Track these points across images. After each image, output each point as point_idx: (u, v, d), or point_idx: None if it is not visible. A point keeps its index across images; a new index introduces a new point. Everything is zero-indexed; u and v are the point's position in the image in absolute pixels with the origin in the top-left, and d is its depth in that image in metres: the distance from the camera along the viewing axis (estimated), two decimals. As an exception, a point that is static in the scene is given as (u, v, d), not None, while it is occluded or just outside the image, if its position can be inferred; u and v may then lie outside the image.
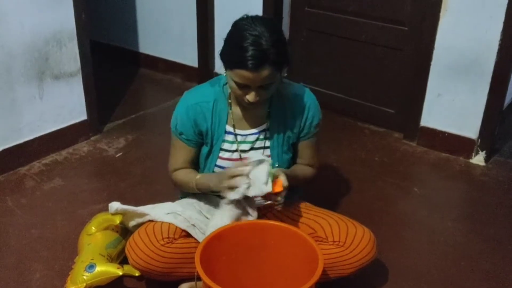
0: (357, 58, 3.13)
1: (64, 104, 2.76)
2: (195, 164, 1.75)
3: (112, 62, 4.10)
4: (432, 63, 2.76)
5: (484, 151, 2.75)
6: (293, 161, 1.79)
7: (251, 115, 1.67)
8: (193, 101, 1.66)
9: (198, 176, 1.66)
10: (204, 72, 3.60)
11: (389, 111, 3.10)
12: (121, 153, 2.78)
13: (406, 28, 2.87)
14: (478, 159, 2.77)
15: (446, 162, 2.79)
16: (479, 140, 2.74)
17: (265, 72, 1.44)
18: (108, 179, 2.56)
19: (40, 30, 2.53)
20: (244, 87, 1.49)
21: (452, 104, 2.77)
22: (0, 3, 2.33)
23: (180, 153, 1.72)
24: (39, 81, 2.60)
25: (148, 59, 4.03)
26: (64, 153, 2.76)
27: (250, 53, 1.41)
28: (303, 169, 1.78)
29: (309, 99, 1.71)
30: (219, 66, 1.82)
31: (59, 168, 2.63)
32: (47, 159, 2.69)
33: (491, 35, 2.52)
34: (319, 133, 1.79)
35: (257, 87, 1.48)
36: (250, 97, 1.50)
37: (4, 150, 2.52)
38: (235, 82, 1.49)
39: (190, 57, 3.70)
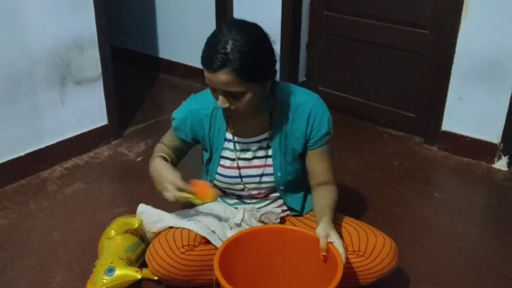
0: (376, 62, 3.11)
1: (85, 109, 2.79)
2: (180, 153, 1.79)
3: (133, 67, 4.15)
4: (453, 66, 2.72)
5: (507, 156, 2.70)
6: (302, 172, 1.71)
7: (252, 123, 1.63)
8: (193, 107, 1.67)
9: (158, 160, 1.69)
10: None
11: (409, 115, 3.07)
12: (141, 158, 2.80)
13: (427, 32, 2.84)
14: (501, 164, 2.73)
15: (468, 167, 2.75)
16: (502, 144, 2.70)
17: (224, 76, 1.38)
18: (128, 183, 2.58)
19: (62, 36, 2.57)
20: (214, 90, 1.47)
21: (474, 107, 2.73)
22: (22, 10, 2.37)
23: (168, 141, 1.78)
24: (61, 86, 2.64)
25: (168, 64, 4.06)
26: (85, 157, 2.79)
27: (209, 52, 1.40)
28: (329, 197, 1.62)
29: (315, 106, 1.61)
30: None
31: (80, 172, 2.66)
32: (69, 163, 2.72)
33: (513, 38, 2.49)
34: (331, 144, 1.68)
35: (225, 93, 1.43)
36: (219, 102, 1.45)
37: (27, 155, 2.56)
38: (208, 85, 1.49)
39: (209, 62, 3.71)
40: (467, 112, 2.76)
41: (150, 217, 1.75)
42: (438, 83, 2.82)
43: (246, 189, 1.70)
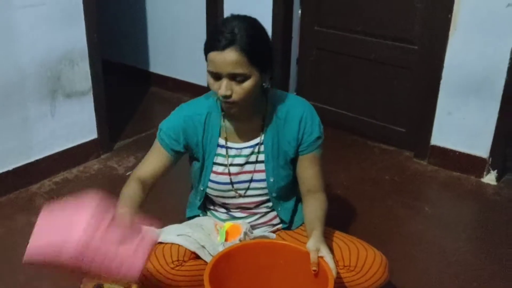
0: (366, 77, 3.14)
1: (75, 122, 2.78)
2: (155, 180, 1.69)
3: (123, 81, 4.15)
4: (442, 81, 2.75)
5: (496, 170, 2.72)
6: (293, 180, 1.71)
7: (244, 128, 1.64)
8: (188, 113, 1.65)
9: (124, 209, 1.53)
10: (214, 91, 3.63)
11: (399, 130, 3.09)
12: (131, 172, 2.78)
13: (416, 47, 2.87)
14: (490, 178, 2.75)
15: (457, 181, 2.76)
16: (490, 159, 2.72)
17: (232, 54, 1.41)
18: (118, 197, 2.56)
19: (53, 49, 2.57)
20: (217, 77, 1.48)
21: (463, 122, 2.76)
22: (14, 23, 2.37)
23: (152, 157, 1.68)
24: (51, 99, 2.63)
25: (158, 78, 4.07)
26: (74, 171, 2.78)
27: (215, 35, 1.44)
28: (319, 208, 1.62)
29: (306, 111, 1.64)
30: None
31: (69, 186, 2.64)
32: (58, 177, 2.71)
33: (501, 53, 2.52)
34: (321, 151, 1.69)
35: (228, 77, 1.45)
36: (222, 89, 1.46)
37: (16, 169, 2.54)
38: (210, 74, 1.49)
39: (199, 76, 3.72)
40: (456, 126, 2.79)
41: None
42: (427, 98, 2.84)
43: (237, 196, 1.69)
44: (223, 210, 1.76)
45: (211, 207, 1.78)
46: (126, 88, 4.08)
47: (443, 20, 2.65)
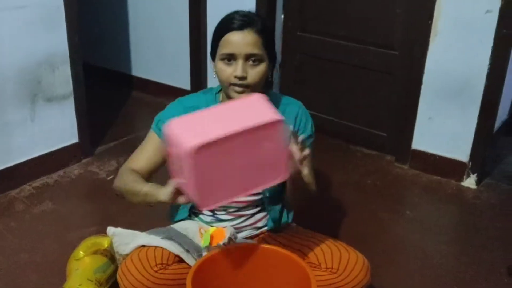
0: (349, 82, 3.16)
1: (56, 126, 2.75)
2: (149, 175, 1.64)
3: (105, 85, 4.11)
4: (423, 86, 2.79)
5: (475, 174, 2.76)
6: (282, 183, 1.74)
7: None
8: (188, 104, 1.64)
9: (130, 173, 1.55)
10: (196, 95, 3.62)
11: (381, 134, 3.11)
12: (112, 176, 2.77)
13: (397, 53, 2.90)
14: (470, 182, 2.78)
15: (438, 185, 2.79)
16: (470, 163, 2.76)
17: (251, 35, 1.47)
18: (99, 202, 2.54)
19: (33, 53, 2.54)
20: (231, 60, 1.50)
21: (443, 127, 2.79)
22: (-7, 26, 2.34)
23: (147, 149, 1.63)
24: (31, 103, 2.60)
25: (140, 82, 4.04)
26: (55, 176, 2.74)
27: (233, 17, 1.50)
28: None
29: (301, 109, 1.72)
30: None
31: (49, 191, 2.60)
32: (38, 182, 2.67)
33: (480, 59, 2.56)
34: (312, 152, 1.69)
35: (244, 59, 1.49)
36: (238, 71, 1.49)
37: (-6, 173, 2.51)
38: (222, 60, 1.51)
39: (182, 80, 3.71)
40: (437, 131, 2.82)
41: (123, 238, 1.71)
42: (408, 103, 2.87)
43: None
44: (209, 213, 1.75)
45: (197, 210, 1.77)
46: (108, 92, 4.04)
47: (424, 25, 2.68)
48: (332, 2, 3.10)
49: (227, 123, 1.16)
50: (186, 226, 1.74)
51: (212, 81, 1.54)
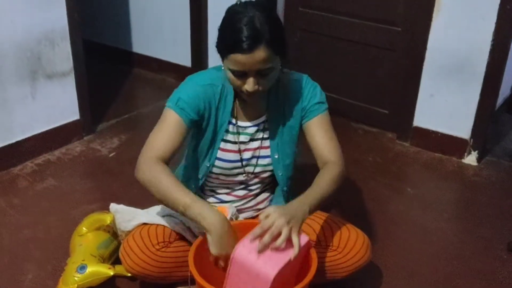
0: (350, 58, 3.14)
1: (57, 103, 2.74)
2: (173, 157, 1.54)
3: (105, 62, 4.09)
4: (425, 63, 2.77)
5: (477, 151, 2.76)
6: (294, 165, 1.72)
7: (251, 107, 1.62)
8: (205, 82, 1.57)
9: (192, 198, 1.40)
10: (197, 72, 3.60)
11: (382, 111, 3.11)
12: (114, 153, 2.77)
13: (399, 29, 2.87)
14: (471, 159, 2.79)
15: (439, 162, 2.80)
16: (472, 140, 2.75)
17: (261, 53, 1.37)
18: (101, 179, 2.55)
19: (33, 30, 2.52)
20: (242, 75, 1.43)
21: (445, 104, 2.78)
22: (-8, 2, 2.32)
23: (169, 133, 1.50)
24: (32, 80, 2.59)
25: (141, 59, 4.02)
26: (57, 153, 2.75)
27: (243, 33, 1.36)
28: (320, 174, 1.53)
29: (307, 81, 1.65)
30: (212, 65, 1.79)
31: (52, 168, 2.61)
32: (40, 159, 2.68)
33: (483, 35, 2.54)
34: (328, 117, 1.68)
35: (255, 74, 1.42)
36: (249, 86, 1.43)
37: (-4, 150, 2.51)
38: (232, 72, 1.43)
39: (183, 57, 3.69)
40: (438, 108, 2.81)
41: (124, 215, 1.72)
42: (410, 80, 2.86)
43: (244, 174, 1.68)
44: (211, 193, 1.76)
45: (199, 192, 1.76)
46: (108, 69, 4.02)
47: (427, 1, 2.65)
48: (334, -23, 3.06)
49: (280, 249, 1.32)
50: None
51: (213, 57, 1.52)
